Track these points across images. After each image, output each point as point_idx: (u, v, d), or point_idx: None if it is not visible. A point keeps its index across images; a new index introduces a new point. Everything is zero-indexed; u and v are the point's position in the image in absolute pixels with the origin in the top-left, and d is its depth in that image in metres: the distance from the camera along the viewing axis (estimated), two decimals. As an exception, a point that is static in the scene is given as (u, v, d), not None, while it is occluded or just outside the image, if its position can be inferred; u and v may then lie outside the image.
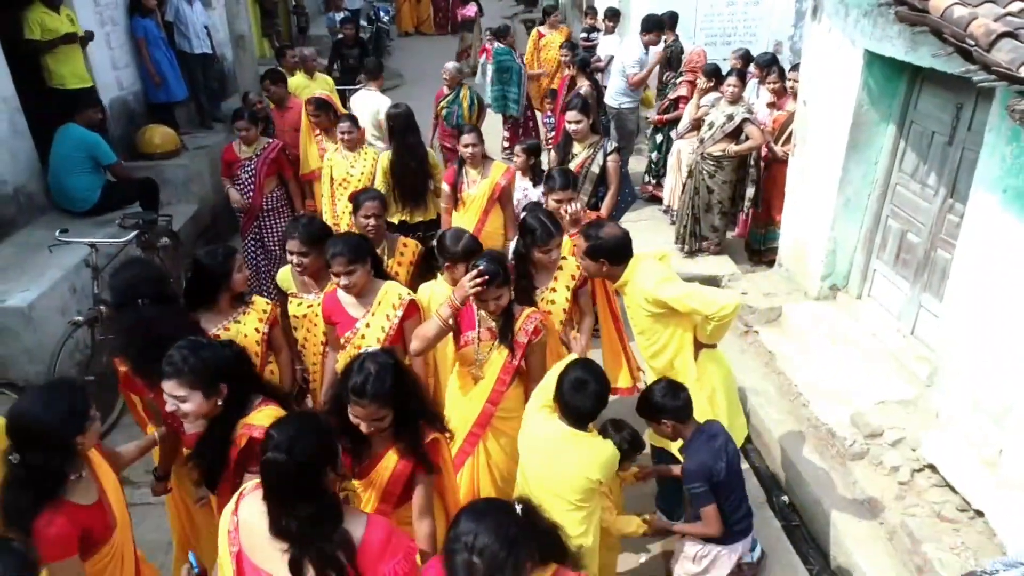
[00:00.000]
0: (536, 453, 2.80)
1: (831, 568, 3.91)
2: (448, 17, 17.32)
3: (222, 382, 2.41)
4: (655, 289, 3.18)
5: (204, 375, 2.37)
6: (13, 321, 4.50)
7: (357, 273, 3.19)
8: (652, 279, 3.21)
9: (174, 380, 2.36)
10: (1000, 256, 3.62)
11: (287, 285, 3.76)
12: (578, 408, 2.68)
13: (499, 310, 3.04)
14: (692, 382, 3.25)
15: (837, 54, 5.04)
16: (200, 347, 2.45)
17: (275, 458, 1.90)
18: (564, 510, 2.66)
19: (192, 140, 7.56)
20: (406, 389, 2.39)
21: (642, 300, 3.25)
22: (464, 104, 7.31)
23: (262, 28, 12.71)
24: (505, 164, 5.15)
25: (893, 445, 4.12)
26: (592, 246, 3.28)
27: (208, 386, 2.38)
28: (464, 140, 4.87)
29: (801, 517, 4.22)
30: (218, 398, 2.41)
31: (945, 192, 4.47)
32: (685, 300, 3.14)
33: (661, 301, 3.18)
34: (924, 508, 3.75)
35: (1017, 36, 3.01)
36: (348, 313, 3.33)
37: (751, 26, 9.27)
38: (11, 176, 5.41)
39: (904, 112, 4.83)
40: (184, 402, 2.37)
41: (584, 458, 2.70)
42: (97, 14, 6.68)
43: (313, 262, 3.52)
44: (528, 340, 3.08)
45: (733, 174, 6.16)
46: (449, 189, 4.95)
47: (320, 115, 5.99)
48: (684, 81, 7.17)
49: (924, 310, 4.67)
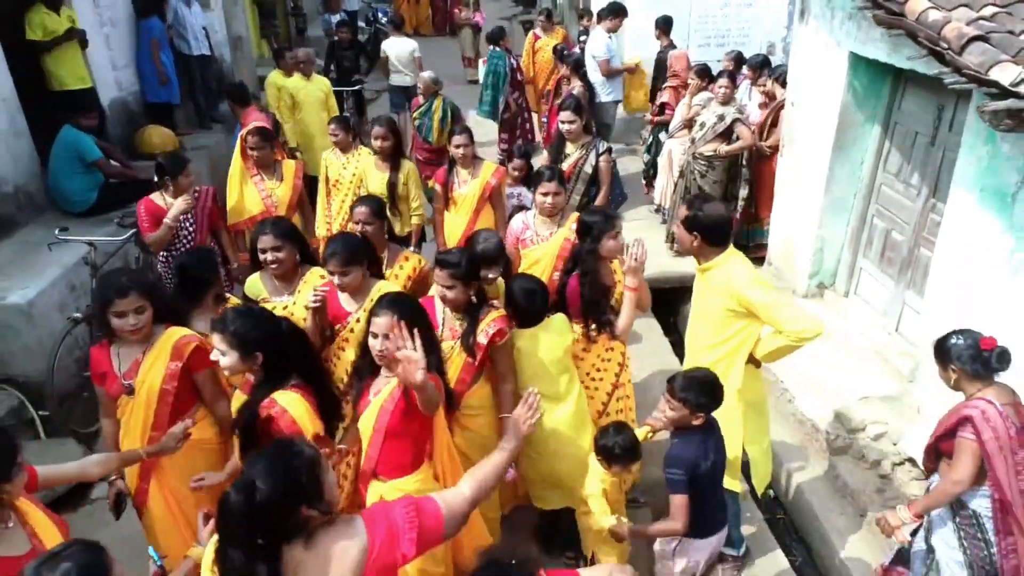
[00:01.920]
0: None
1: (813, 559, 4.00)
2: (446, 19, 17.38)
3: (259, 351, 2.62)
4: (746, 286, 3.09)
5: (244, 339, 2.60)
6: (13, 318, 4.59)
7: (351, 275, 3.26)
8: (747, 276, 3.14)
9: (219, 335, 2.62)
10: (977, 254, 3.71)
11: (256, 292, 3.59)
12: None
13: (450, 304, 3.13)
14: (733, 391, 3.21)
15: (823, 56, 5.13)
16: (249, 314, 2.73)
17: (234, 500, 1.72)
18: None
19: (191, 140, 7.66)
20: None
21: (726, 292, 3.16)
22: (435, 116, 7.03)
23: (260, 30, 12.79)
24: (495, 164, 5.20)
25: (875, 440, 4.21)
26: (691, 217, 3.18)
27: (245, 350, 2.60)
28: (455, 141, 4.92)
29: (785, 510, 4.31)
30: (253, 363, 2.63)
31: (928, 192, 4.56)
32: (771, 309, 3.05)
33: (746, 301, 3.09)
34: (903, 500, 3.82)
35: (988, 40, 3.10)
36: (342, 306, 3.42)
37: (744, 28, 9.32)
38: (11, 176, 5.50)
39: (888, 113, 4.92)
40: (224, 355, 2.63)
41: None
42: (97, 15, 6.77)
43: (288, 257, 3.46)
44: (490, 341, 3.12)
45: (724, 174, 6.25)
46: (440, 189, 5.03)
47: (264, 147, 4.89)
48: (668, 87, 7.27)
49: (908, 307, 4.75)
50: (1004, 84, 2.92)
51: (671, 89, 7.21)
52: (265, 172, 5.00)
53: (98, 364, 3.01)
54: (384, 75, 9.33)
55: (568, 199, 4.90)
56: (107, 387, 3.01)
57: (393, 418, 2.63)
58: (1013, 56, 3.02)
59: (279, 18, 13.68)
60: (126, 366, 2.98)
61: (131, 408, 2.99)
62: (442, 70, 12.74)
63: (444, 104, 7.09)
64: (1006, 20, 3.28)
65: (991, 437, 2.68)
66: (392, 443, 2.67)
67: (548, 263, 3.98)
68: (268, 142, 4.96)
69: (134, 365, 2.97)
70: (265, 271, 3.56)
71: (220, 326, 2.63)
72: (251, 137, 4.89)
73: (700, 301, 3.39)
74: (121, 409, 3.04)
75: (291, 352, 2.73)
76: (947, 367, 2.89)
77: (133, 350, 2.98)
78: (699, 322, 3.41)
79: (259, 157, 4.92)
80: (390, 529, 1.88)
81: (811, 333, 3.01)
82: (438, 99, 7.09)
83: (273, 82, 7.52)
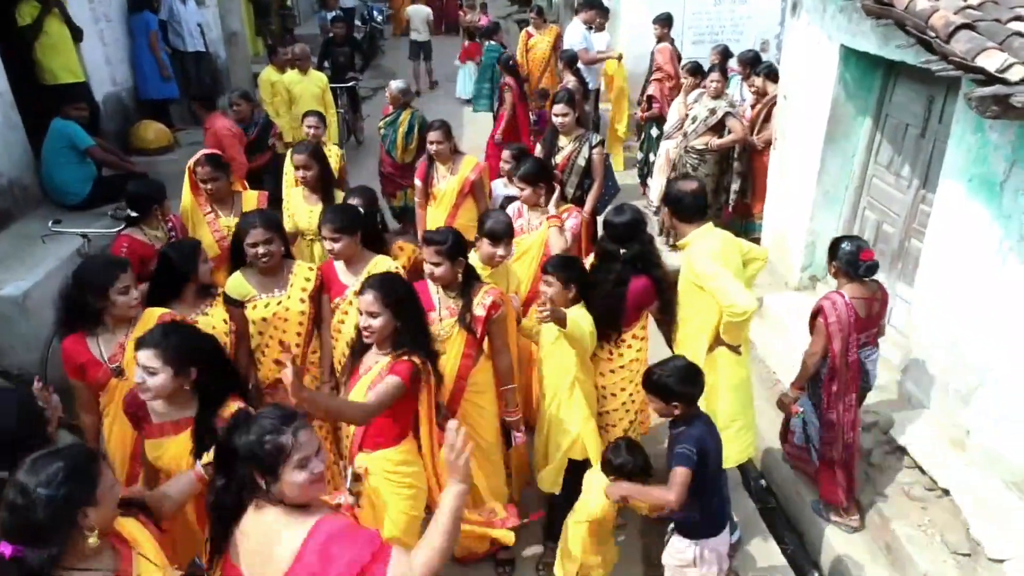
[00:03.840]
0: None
1: (805, 547, 4.02)
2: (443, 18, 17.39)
3: (193, 366, 2.50)
4: (696, 258, 3.27)
5: (178, 353, 2.46)
6: (8, 310, 4.60)
7: (342, 243, 3.34)
8: (704, 249, 3.29)
9: (151, 351, 2.43)
10: (966, 243, 3.74)
11: (242, 291, 3.41)
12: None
13: (439, 282, 3.18)
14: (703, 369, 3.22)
15: (815, 49, 5.16)
16: (181, 328, 2.61)
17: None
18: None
19: (185, 136, 7.65)
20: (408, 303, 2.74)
21: (689, 265, 3.35)
22: (400, 129, 6.50)
23: (256, 27, 12.81)
24: (475, 159, 5.19)
25: (866, 429, 4.22)
26: (665, 194, 3.41)
27: (179, 365, 2.46)
28: (430, 137, 4.91)
29: (776, 499, 4.33)
30: (185, 381, 2.49)
31: (918, 183, 4.58)
32: (709, 280, 3.19)
33: (698, 272, 3.26)
34: (894, 488, 3.87)
35: (975, 28, 3.13)
36: (340, 280, 3.48)
37: (738, 25, 9.39)
38: (6, 169, 5.50)
39: (880, 106, 4.95)
40: (153, 375, 2.43)
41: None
42: (91, 10, 6.77)
43: (278, 249, 3.38)
44: (487, 315, 3.18)
45: (716, 167, 6.28)
46: (421, 184, 5.08)
47: (217, 178, 4.21)
48: (654, 80, 7.30)
49: (899, 298, 4.77)
50: (990, 71, 2.95)
51: (656, 82, 7.25)
52: (221, 207, 4.33)
53: (76, 356, 2.95)
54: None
55: (563, 192, 4.93)
56: (90, 377, 2.97)
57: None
58: (999, 44, 3.05)
59: (274, 16, 13.69)
60: (109, 351, 2.97)
61: (123, 391, 2.91)
62: (440, 70, 12.90)
63: (412, 118, 6.58)
64: (992, 9, 3.31)
65: (834, 321, 3.47)
66: (378, 419, 2.70)
67: (536, 252, 4.02)
68: (222, 171, 4.26)
69: (118, 349, 2.96)
70: (247, 269, 3.42)
71: (150, 341, 2.45)
72: (200, 168, 4.17)
73: (681, 282, 3.47)
74: (110, 395, 3.00)
75: (224, 368, 2.67)
76: (831, 262, 3.60)
77: (114, 336, 2.98)
78: (681, 302, 3.50)
79: (212, 190, 4.24)
80: (325, 555, 1.81)
81: (740, 309, 3.10)
82: (407, 111, 6.58)
83: (267, 79, 7.54)
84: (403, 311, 2.71)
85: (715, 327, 3.34)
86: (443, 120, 5.07)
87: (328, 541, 1.83)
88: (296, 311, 3.43)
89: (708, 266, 3.22)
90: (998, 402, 3.60)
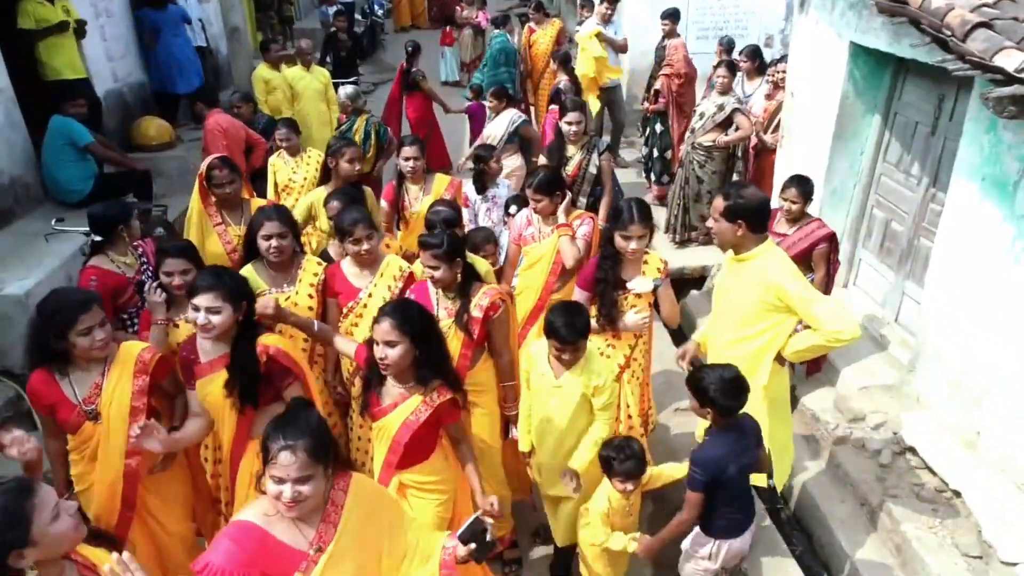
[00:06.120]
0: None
1: (814, 549, 4.01)
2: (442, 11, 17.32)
3: (244, 300, 2.79)
4: (786, 279, 3.01)
5: (233, 291, 2.73)
6: (10, 309, 4.58)
7: (375, 238, 3.40)
8: (788, 268, 3.07)
9: (211, 293, 2.67)
10: (977, 243, 3.71)
11: (253, 285, 3.32)
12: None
13: (439, 285, 3.17)
14: (760, 388, 3.15)
15: (824, 46, 5.11)
16: (226, 269, 2.99)
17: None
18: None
19: (187, 132, 7.62)
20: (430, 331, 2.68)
21: (762, 284, 3.07)
22: (355, 138, 5.99)
23: (257, 22, 12.74)
24: (448, 177, 4.82)
25: (875, 429, 4.21)
26: (732, 206, 3.02)
27: (236, 301, 2.73)
28: (404, 153, 4.54)
29: (785, 500, 4.31)
30: (240, 314, 2.76)
31: (928, 182, 4.55)
32: (808, 305, 2.97)
33: (784, 294, 3.00)
34: (904, 489, 3.84)
35: (992, 26, 3.09)
36: (351, 284, 3.44)
37: (742, 20, 9.33)
38: (7, 167, 5.47)
39: (889, 103, 4.91)
40: (216, 314, 2.68)
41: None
42: (92, 5, 6.73)
43: (290, 244, 3.43)
44: (485, 316, 3.15)
45: (723, 164, 6.25)
46: (388, 207, 4.66)
47: (234, 181, 4.08)
48: (662, 75, 7.25)
49: (907, 297, 4.75)
50: (1008, 71, 2.91)
51: (664, 77, 7.20)
52: (231, 215, 4.18)
53: (45, 396, 2.69)
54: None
55: (576, 200, 4.87)
56: (60, 418, 2.72)
57: (416, 433, 2.67)
58: (1017, 43, 3.01)
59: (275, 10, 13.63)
60: (84, 392, 2.71)
61: (100, 435, 2.72)
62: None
63: (367, 125, 6.19)
64: (1010, 7, 3.27)
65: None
66: (410, 447, 2.72)
67: (548, 261, 3.96)
68: (237, 174, 4.15)
69: (94, 389, 2.71)
70: (259, 263, 3.47)
71: (207, 285, 2.69)
72: (218, 172, 4.02)
73: (730, 294, 3.28)
74: (81, 438, 2.76)
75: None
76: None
77: (88, 374, 2.72)
78: (727, 316, 3.31)
79: (230, 193, 4.11)
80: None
81: (847, 335, 2.92)
82: (360, 118, 6.19)
83: (260, 76, 7.43)
84: (422, 339, 2.58)
85: (778, 346, 3.17)
86: (416, 136, 4.81)
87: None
88: (304, 305, 3.45)
89: (804, 290, 3.01)
90: (1009, 402, 3.58)
